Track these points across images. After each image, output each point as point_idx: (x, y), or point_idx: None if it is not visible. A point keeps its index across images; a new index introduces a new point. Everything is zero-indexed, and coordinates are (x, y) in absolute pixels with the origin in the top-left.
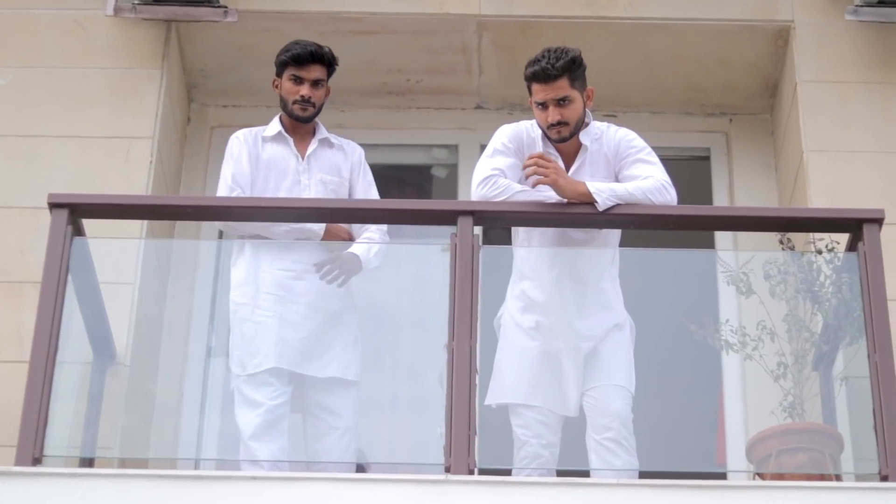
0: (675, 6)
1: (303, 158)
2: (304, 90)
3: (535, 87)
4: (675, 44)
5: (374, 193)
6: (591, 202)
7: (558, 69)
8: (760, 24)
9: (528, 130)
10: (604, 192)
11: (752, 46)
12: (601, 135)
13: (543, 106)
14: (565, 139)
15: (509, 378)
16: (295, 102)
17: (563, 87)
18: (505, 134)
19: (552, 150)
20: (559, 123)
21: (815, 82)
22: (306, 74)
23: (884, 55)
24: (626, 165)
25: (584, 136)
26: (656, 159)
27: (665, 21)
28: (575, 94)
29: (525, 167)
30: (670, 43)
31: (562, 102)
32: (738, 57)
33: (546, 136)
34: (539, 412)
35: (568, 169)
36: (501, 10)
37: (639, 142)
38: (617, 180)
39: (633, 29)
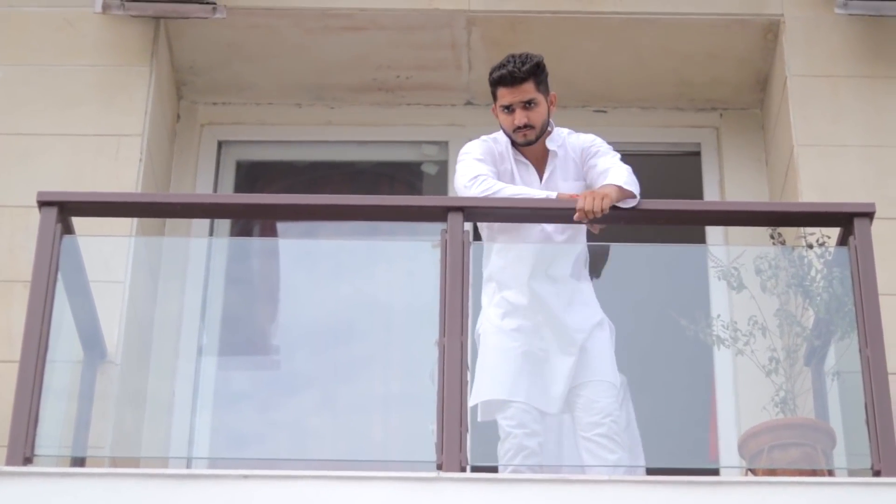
0: (664, 1)
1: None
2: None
3: (502, 90)
4: (665, 38)
5: None
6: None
7: (524, 73)
8: (750, 18)
9: (495, 143)
10: (630, 186)
11: (742, 41)
12: (563, 140)
13: (509, 109)
14: (531, 142)
15: (492, 377)
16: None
17: (528, 90)
18: (476, 148)
19: (521, 159)
20: (525, 126)
21: (805, 76)
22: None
23: (873, 49)
24: (595, 156)
25: (550, 143)
26: (618, 157)
27: (654, 16)
28: (540, 97)
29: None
30: (660, 38)
31: (528, 105)
32: (728, 51)
33: (511, 141)
34: (521, 405)
35: (541, 175)
36: (491, 6)
37: (601, 141)
38: (585, 178)
39: (623, 24)
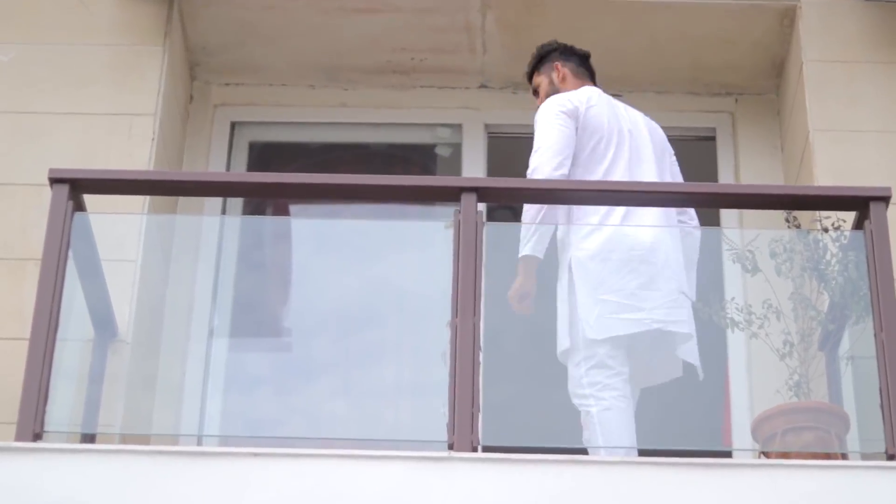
0: None
1: None
2: None
3: None
4: (681, 23)
5: None
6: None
7: (528, 74)
8: (766, 3)
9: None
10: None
11: (758, 26)
12: None
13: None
14: None
15: None
16: None
17: (534, 82)
18: None
19: None
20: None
21: (822, 62)
22: None
23: (890, 35)
24: None
25: None
26: (542, 128)
27: (670, 0)
28: (540, 79)
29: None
30: (676, 22)
31: (535, 93)
32: (744, 36)
33: None
34: None
35: None
36: None
37: (538, 118)
38: None
39: (639, 8)
